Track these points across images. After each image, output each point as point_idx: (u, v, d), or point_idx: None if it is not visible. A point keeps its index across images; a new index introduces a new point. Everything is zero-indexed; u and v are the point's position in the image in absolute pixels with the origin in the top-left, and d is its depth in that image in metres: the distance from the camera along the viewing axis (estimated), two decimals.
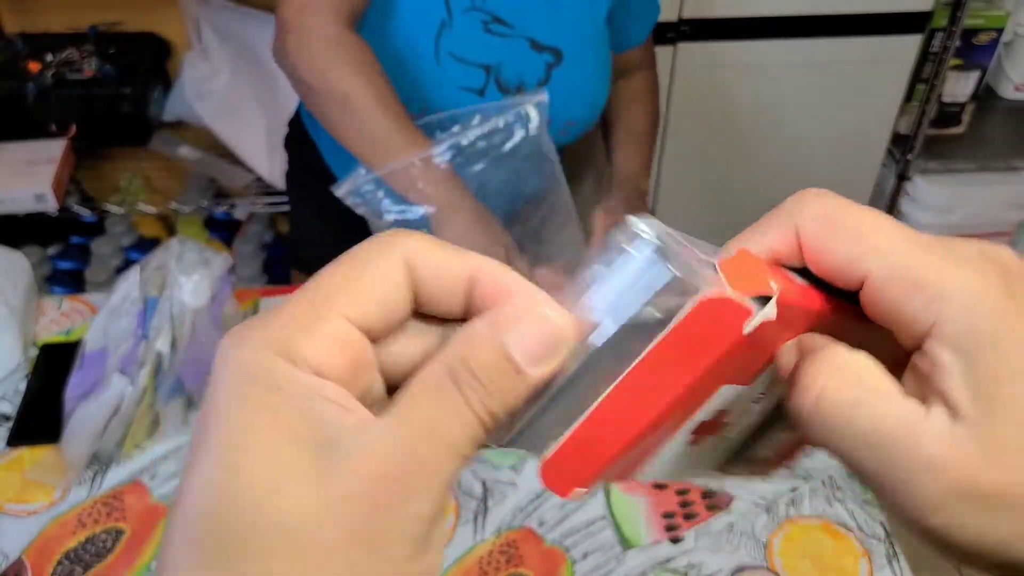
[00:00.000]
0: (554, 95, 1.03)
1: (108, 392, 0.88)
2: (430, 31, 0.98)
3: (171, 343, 0.89)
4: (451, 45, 0.98)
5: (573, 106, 1.08)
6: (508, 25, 1.00)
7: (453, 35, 0.98)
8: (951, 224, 1.82)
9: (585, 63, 1.06)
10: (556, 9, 1.01)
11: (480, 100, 1.02)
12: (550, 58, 1.02)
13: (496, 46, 1.00)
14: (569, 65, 1.04)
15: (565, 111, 1.07)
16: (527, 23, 1.00)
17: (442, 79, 1.00)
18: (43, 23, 1.68)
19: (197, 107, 1.67)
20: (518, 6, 0.99)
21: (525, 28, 1.00)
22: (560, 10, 1.01)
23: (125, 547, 0.85)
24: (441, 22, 0.98)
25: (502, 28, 1.00)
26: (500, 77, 1.02)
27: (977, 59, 1.69)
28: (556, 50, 1.02)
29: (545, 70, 1.03)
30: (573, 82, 1.05)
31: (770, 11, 1.53)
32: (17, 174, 1.48)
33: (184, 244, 0.93)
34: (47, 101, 1.54)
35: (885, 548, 0.87)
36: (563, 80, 1.04)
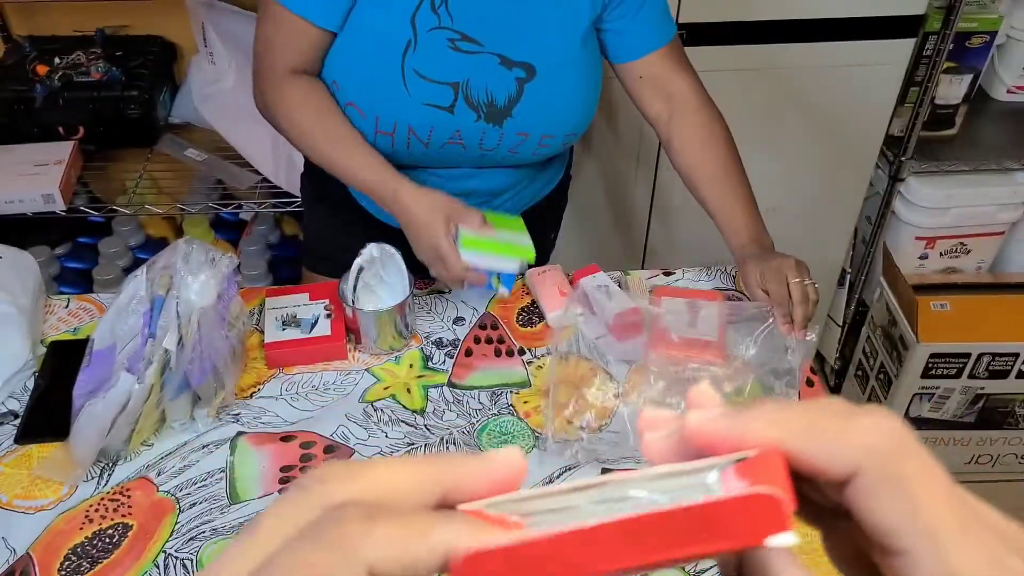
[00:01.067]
0: (529, 110, 1.04)
1: (116, 390, 0.90)
2: (396, 52, 0.99)
3: (178, 342, 0.91)
4: (416, 64, 1.00)
5: (551, 120, 1.08)
6: (476, 43, 1.00)
7: (418, 55, 0.99)
8: (944, 224, 1.83)
9: (563, 77, 1.05)
10: (528, 25, 1.01)
11: (450, 116, 1.03)
12: (521, 73, 1.03)
13: (463, 63, 1.01)
14: (544, 80, 1.04)
15: (542, 126, 1.07)
16: (496, 40, 1.01)
17: (409, 98, 1.01)
18: (51, 26, 1.69)
19: (203, 109, 1.68)
20: (487, 23, 1.00)
21: (494, 45, 1.01)
22: (532, 26, 1.01)
23: (132, 542, 0.86)
24: (407, 42, 0.99)
25: (470, 45, 1.00)
26: (469, 93, 1.03)
27: (970, 62, 1.70)
28: (528, 65, 1.03)
29: (516, 85, 1.03)
30: (549, 97, 1.05)
31: (766, 16, 1.54)
32: (25, 175, 1.49)
33: (191, 244, 0.95)
34: (55, 104, 1.55)
35: None
36: (538, 95, 1.04)
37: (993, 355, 1.72)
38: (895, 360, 1.81)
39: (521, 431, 0.98)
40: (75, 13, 1.67)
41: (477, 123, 1.04)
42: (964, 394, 1.78)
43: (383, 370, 1.05)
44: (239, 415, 0.99)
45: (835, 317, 2.05)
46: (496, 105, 1.04)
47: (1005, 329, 1.72)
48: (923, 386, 1.78)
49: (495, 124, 1.05)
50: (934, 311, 1.74)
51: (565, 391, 1.03)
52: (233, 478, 0.92)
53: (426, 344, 1.09)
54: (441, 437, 0.97)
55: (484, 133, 1.05)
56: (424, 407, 1.01)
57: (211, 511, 0.89)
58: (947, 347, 1.71)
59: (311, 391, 1.02)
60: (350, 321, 1.05)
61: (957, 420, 1.83)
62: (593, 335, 1.10)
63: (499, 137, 1.06)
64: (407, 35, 0.99)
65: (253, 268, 1.72)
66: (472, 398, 1.02)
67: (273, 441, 0.96)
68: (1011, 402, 1.80)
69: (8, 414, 0.99)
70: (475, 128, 1.05)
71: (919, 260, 1.91)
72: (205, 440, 0.96)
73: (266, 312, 1.08)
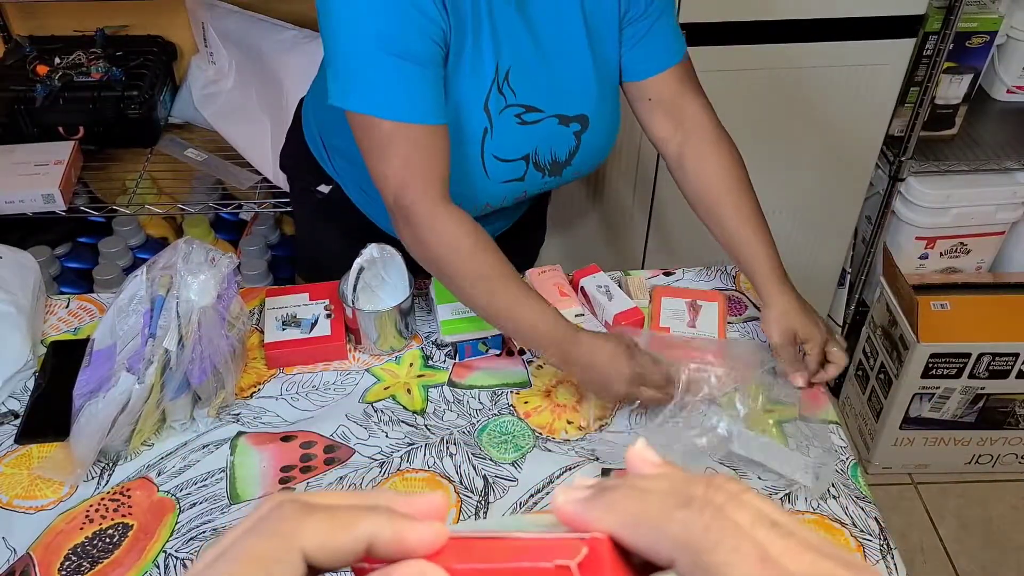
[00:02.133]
0: (586, 155, 1.07)
1: (116, 390, 0.90)
2: (476, 142, 1.00)
3: (178, 342, 0.91)
4: (494, 149, 1.01)
5: (592, 159, 1.10)
6: (539, 110, 1.01)
7: (495, 140, 1.00)
8: (944, 224, 1.83)
9: (608, 117, 1.08)
10: (576, 78, 1.02)
11: (520, 185, 1.05)
12: (577, 127, 1.05)
13: (531, 134, 1.02)
14: (596, 125, 1.06)
15: (592, 163, 1.10)
16: (554, 102, 1.02)
17: (488, 180, 1.03)
18: (51, 27, 1.69)
19: (203, 109, 1.68)
20: (544, 88, 1.01)
21: (553, 107, 1.02)
22: (580, 78, 1.03)
23: (132, 541, 0.86)
24: (484, 130, 0.99)
25: (534, 115, 1.01)
26: (537, 160, 1.05)
27: (970, 62, 1.70)
28: (582, 117, 1.04)
29: (575, 139, 1.05)
30: (597, 140, 1.07)
31: (765, 16, 1.54)
32: (26, 175, 1.49)
33: (191, 244, 0.95)
34: (55, 104, 1.55)
35: (879, 543, 0.88)
36: (592, 140, 1.07)
37: (993, 355, 1.72)
38: (895, 360, 1.81)
39: (521, 431, 0.98)
40: (75, 13, 1.67)
41: (542, 180, 1.07)
42: (964, 394, 1.78)
43: (383, 370, 1.05)
44: (239, 415, 0.99)
45: (835, 317, 2.05)
46: (559, 161, 1.07)
47: (1005, 329, 1.72)
48: (923, 386, 1.78)
49: (556, 176, 1.08)
50: (934, 311, 1.74)
51: (565, 391, 1.03)
52: (233, 478, 0.92)
53: (426, 344, 1.09)
54: (441, 437, 0.97)
55: (545, 184, 1.09)
56: (424, 407, 1.01)
57: (211, 511, 0.89)
58: (947, 347, 1.71)
59: (311, 391, 1.02)
60: (350, 321, 1.05)
61: (957, 420, 1.83)
62: None
63: (557, 181, 1.10)
64: (483, 123, 0.99)
65: (253, 268, 1.72)
66: (472, 398, 1.02)
67: (273, 441, 0.96)
68: (1011, 402, 1.80)
69: (8, 414, 0.99)
70: (539, 183, 1.08)
71: (919, 260, 1.91)
72: (205, 440, 0.96)
73: (266, 312, 1.08)
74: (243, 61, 1.64)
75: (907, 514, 1.86)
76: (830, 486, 0.93)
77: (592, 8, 1.01)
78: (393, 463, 0.94)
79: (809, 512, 0.90)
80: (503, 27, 0.96)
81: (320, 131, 1.17)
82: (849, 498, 0.92)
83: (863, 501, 0.92)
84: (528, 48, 0.98)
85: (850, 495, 0.92)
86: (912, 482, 1.92)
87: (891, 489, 1.90)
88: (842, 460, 0.96)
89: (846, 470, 0.95)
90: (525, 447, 0.96)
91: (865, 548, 0.87)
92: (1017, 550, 1.79)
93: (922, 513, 1.86)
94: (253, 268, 1.72)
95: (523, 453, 0.96)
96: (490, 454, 0.95)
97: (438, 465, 0.94)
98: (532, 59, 0.99)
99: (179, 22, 1.71)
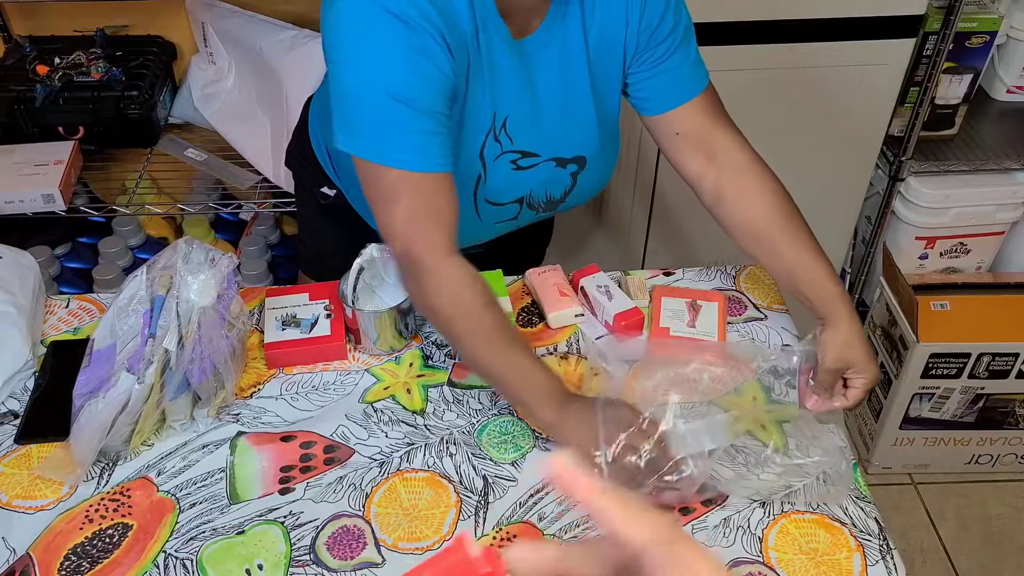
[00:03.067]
0: (581, 192, 1.08)
1: (115, 390, 0.90)
2: (468, 188, 1.00)
3: (178, 342, 0.91)
4: (487, 194, 1.01)
5: (588, 193, 1.11)
6: (535, 155, 1.01)
7: (488, 186, 1.00)
8: (944, 224, 1.83)
9: (604, 158, 1.08)
10: (575, 122, 1.02)
11: (514, 226, 1.07)
12: (575, 168, 1.05)
13: (526, 178, 1.02)
14: (592, 164, 1.06)
15: (579, 198, 1.11)
16: (553, 145, 1.01)
17: (481, 223, 1.04)
18: (51, 27, 1.69)
19: (203, 109, 1.68)
20: (541, 134, 1.00)
21: (550, 151, 1.02)
22: (579, 121, 1.02)
23: (132, 542, 0.86)
24: (478, 176, 0.99)
25: (530, 160, 1.01)
26: (532, 201, 1.05)
27: (970, 62, 1.70)
28: (580, 159, 1.04)
29: (571, 179, 1.06)
30: (593, 177, 1.08)
31: (765, 16, 1.54)
32: (26, 175, 1.49)
33: (191, 244, 0.95)
34: (55, 104, 1.55)
35: (879, 543, 0.88)
36: (586, 179, 1.07)
37: (993, 355, 1.72)
38: (895, 360, 1.81)
39: (521, 431, 0.98)
40: (75, 13, 1.67)
41: (536, 215, 1.09)
42: (964, 394, 1.78)
43: (383, 370, 1.05)
44: (239, 415, 0.99)
45: None
46: (554, 199, 1.07)
47: (1005, 329, 1.72)
48: (923, 386, 1.78)
49: (550, 211, 1.09)
50: (934, 311, 1.74)
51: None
52: (233, 478, 0.92)
53: (426, 344, 1.09)
54: (441, 437, 0.97)
55: (537, 218, 1.11)
56: (424, 407, 1.01)
57: (211, 511, 0.89)
58: (947, 347, 1.71)
59: (311, 391, 1.02)
60: (350, 321, 1.05)
61: (957, 420, 1.83)
62: (593, 335, 1.10)
63: (550, 215, 1.11)
64: (477, 170, 0.99)
65: (253, 268, 1.72)
66: (472, 398, 1.02)
67: (273, 441, 0.96)
68: (1011, 402, 1.80)
69: (8, 414, 0.99)
70: (532, 219, 1.10)
71: (919, 260, 1.91)
72: (205, 440, 0.96)
73: (266, 312, 1.08)
74: (243, 61, 1.64)
75: (907, 514, 1.86)
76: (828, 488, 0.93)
77: (597, 50, 0.98)
78: (393, 463, 0.94)
79: (809, 512, 0.90)
80: (502, 75, 0.95)
81: (325, 139, 1.17)
82: (849, 498, 0.92)
83: (863, 501, 0.92)
84: (526, 96, 0.97)
85: (850, 495, 0.92)
86: (912, 482, 1.92)
87: (891, 489, 1.91)
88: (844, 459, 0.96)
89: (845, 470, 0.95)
90: (525, 447, 0.96)
91: (865, 548, 0.87)
92: (1017, 550, 1.79)
93: (922, 513, 1.86)
94: (253, 268, 1.72)
95: (523, 453, 0.96)
96: (490, 454, 0.95)
97: (438, 465, 0.94)
98: (530, 106, 0.98)
99: (179, 22, 1.71)
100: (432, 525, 0.88)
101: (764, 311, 1.15)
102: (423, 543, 0.87)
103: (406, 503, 0.90)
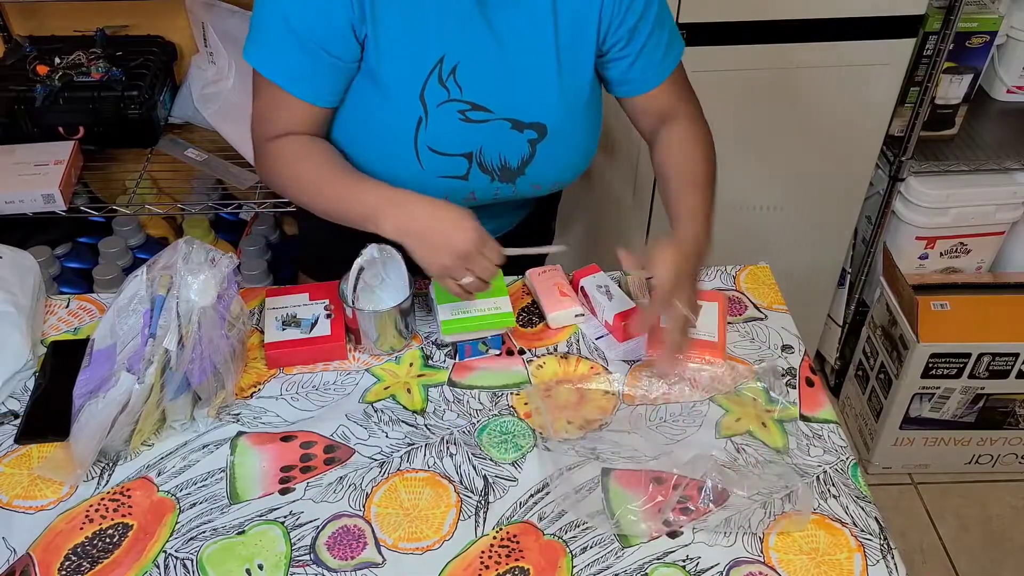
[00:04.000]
0: (542, 166, 1.06)
1: (116, 390, 0.90)
2: (407, 130, 0.99)
3: (178, 342, 0.91)
4: (429, 140, 1.00)
5: (562, 170, 1.09)
6: (487, 110, 1.00)
7: (430, 131, 1.00)
8: (944, 224, 1.83)
9: (572, 132, 1.06)
10: (536, 86, 1.01)
11: (464, 183, 1.04)
12: (533, 135, 1.03)
13: (475, 133, 1.01)
14: (554, 137, 1.04)
15: (553, 175, 1.09)
16: (506, 105, 1.01)
17: (423, 172, 1.02)
18: (51, 27, 1.69)
19: (203, 109, 1.68)
20: (496, 90, 1.00)
21: (505, 110, 1.01)
22: (540, 86, 1.01)
23: (132, 542, 0.86)
24: (419, 119, 0.99)
25: (481, 114, 1.00)
26: (482, 160, 1.03)
27: (970, 62, 1.70)
28: (539, 125, 1.03)
29: (528, 147, 1.04)
30: (557, 153, 1.06)
31: (766, 16, 1.54)
32: (26, 175, 1.49)
33: (191, 244, 0.95)
34: (55, 104, 1.55)
35: (879, 543, 0.88)
36: (550, 151, 1.05)
37: (993, 355, 1.72)
38: (895, 360, 1.81)
39: (521, 431, 0.98)
40: (75, 13, 1.67)
41: (491, 184, 1.06)
42: (964, 394, 1.78)
43: (383, 370, 1.05)
44: (239, 415, 0.99)
45: (835, 317, 2.05)
46: (510, 167, 1.05)
47: (1005, 329, 1.72)
48: (923, 386, 1.78)
49: (509, 183, 1.07)
50: (934, 311, 1.74)
51: (565, 391, 1.03)
52: (233, 478, 0.92)
53: (426, 344, 1.09)
54: (441, 437, 0.97)
55: (498, 191, 1.08)
56: (424, 407, 1.01)
57: (211, 511, 0.89)
58: (947, 347, 1.71)
59: (311, 391, 1.02)
60: (350, 321, 1.05)
61: (957, 420, 1.83)
62: (593, 335, 1.10)
63: (512, 191, 1.08)
64: (418, 112, 0.99)
65: (253, 268, 1.72)
66: (472, 398, 1.02)
67: (273, 441, 0.96)
68: (1011, 402, 1.80)
69: (8, 414, 0.99)
70: (489, 188, 1.07)
71: (919, 260, 1.91)
72: (205, 440, 0.96)
73: (266, 312, 1.08)
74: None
75: (907, 514, 1.86)
76: (830, 486, 0.93)
77: (567, 21, 0.99)
78: (393, 463, 0.94)
79: (809, 511, 0.90)
80: (454, 19, 0.95)
81: None
82: (849, 498, 0.92)
83: (863, 501, 0.92)
84: (486, 45, 0.98)
85: (850, 495, 0.92)
86: (912, 482, 1.93)
87: (891, 489, 1.91)
88: (842, 460, 0.96)
89: (846, 470, 0.95)
90: (525, 447, 0.96)
91: (865, 548, 0.87)
92: (1017, 550, 1.79)
93: (922, 513, 1.86)
94: (253, 268, 1.72)
95: (523, 453, 0.96)
96: (490, 454, 0.95)
97: (438, 465, 0.94)
98: (488, 57, 0.98)
99: (179, 22, 1.71)
100: (432, 525, 0.88)
101: (764, 311, 1.15)
102: (423, 543, 0.87)
103: (406, 503, 0.90)
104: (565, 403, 1.01)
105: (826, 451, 0.97)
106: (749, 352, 1.09)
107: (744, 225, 1.82)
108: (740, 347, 1.09)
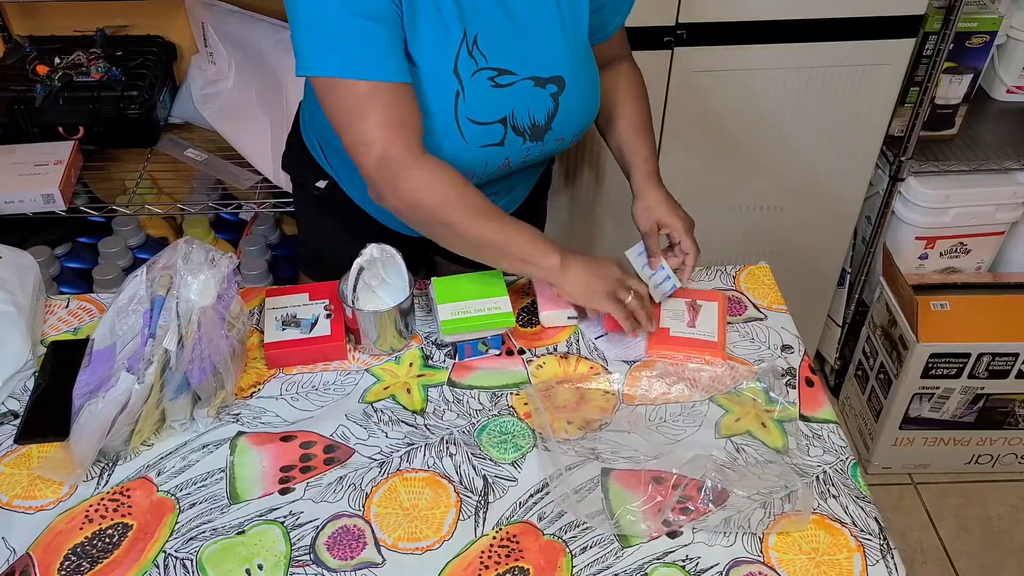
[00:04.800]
0: (565, 118, 1.07)
1: (115, 390, 0.90)
2: (448, 105, 1.00)
3: (178, 342, 0.91)
4: (468, 112, 1.01)
5: (582, 119, 1.11)
6: (512, 73, 1.02)
7: (468, 103, 1.00)
8: (944, 224, 1.83)
9: (584, 81, 1.08)
10: (548, 40, 1.03)
11: (501, 151, 1.05)
12: (554, 88, 1.05)
13: (506, 97, 1.02)
14: (572, 87, 1.06)
15: (575, 127, 1.10)
16: (527, 64, 1.03)
17: (466, 145, 1.03)
18: (51, 27, 1.69)
19: (203, 109, 1.68)
20: (515, 51, 1.01)
21: (526, 69, 1.03)
22: (551, 39, 1.03)
23: (132, 542, 0.86)
24: (456, 93, 0.99)
25: (507, 78, 1.02)
26: (515, 123, 1.05)
27: (970, 62, 1.70)
28: (558, 78, 1.05)
29: (552, 101, 1.06)
30: (574, 103, 1.08)
31: (766, 16, 1.54)
32: (26, 175, 1.49)
33: (191, 244, 0.95)
34: (55, 104, 1.55)
35: (879, 543, 0.88)
36: (570, 102, 1.07)
37: (993, 355, 1.72)
38: (895, 360, 1.81)
39: (521, 431, 0.98)
40: (75, 13, 1.67)
41: (523, 145, 1.07)
42: (964, 394, 1.78)
43: (383, 370, 1.05)
44: (239, 415, 0.99)
45: (835, 317, 2.05)
46: (538, 124, 1.06)
47: (1005, 329, 1.72)
48: (923, 386, 1.78)
49: (538, 141, 1.08)
50: (934, 311, 1.74)
51: (565, 391, 1.03)
52: (233, 478, 0.92)
53: (426, 344, 1.09)
54: (441, 437, 0.97)
55: (528, 151, 1.09)
56: (424, 407, 1.01)
57: (211, 511, 0.89)
58: (947, 347, 1.71)
59: (311, 391, 1.02)
60: (350, 321, 1.05)
61: (957, 420, 1.83)
62: (593, 335, 1.10)
63: (540, 149, 1.09)
64: (454, 87, 0.99)
65: (253, 268, 1.72)
66: (472, 398, 1.02)
67: (273, 441, 0.96)
68: (1011, 402, 1.80)
69: (8, 414, 0.99)
70: (521, 150, 1.08)
71: (919, 260, 1.91)
72: (205, 440, 0.96)
73: (266, 312, 1.08)
74: (243, 61, 1.64)
75: (907, 514, 1.86)
76: (830, 486, 0.93)
77: None
78: (393, 463, 0.94)
79: (809, 511, 0.90)
80: None
81: (315, 128, 1.18)
82: (849, 498, 0.92)
83: (863, 501, 0.92)
84: (495, 13, 0.99)
85: (850, 495, 0.92)
86: (912, 482, 1.93)
87: (891, 489, 1.91)
88: (842, 460, 0.96)
89: (846, 470, 0.95)
90: (525, 447, 0.96)
91: (865, 548, 0.87)
92: (1017, 550, 1.79)
93: (922, 513, 1.86)
94: (253, 268, 1.72)
95: (523, 453, 0.96)
96: (490, 454, 0.95)
97: (438, 465, 0.94)
98: (500, 24, 1.00)
99: (179, 22, 1.71)
100: (432, 525, 0.88)
101: (764, 311, 1.15)
102: (423, 543, 0.87)
103: (406, 503, 0.90)
104: (565, 403, 1.01)
105: (826, 451, 0.97)
106: (749, 352, 1.09)
107: (744, 225, 1.82)
108: (740, 347, 1.10)
